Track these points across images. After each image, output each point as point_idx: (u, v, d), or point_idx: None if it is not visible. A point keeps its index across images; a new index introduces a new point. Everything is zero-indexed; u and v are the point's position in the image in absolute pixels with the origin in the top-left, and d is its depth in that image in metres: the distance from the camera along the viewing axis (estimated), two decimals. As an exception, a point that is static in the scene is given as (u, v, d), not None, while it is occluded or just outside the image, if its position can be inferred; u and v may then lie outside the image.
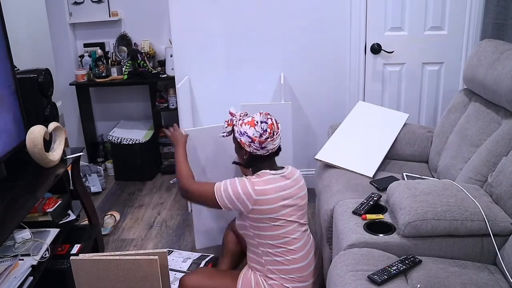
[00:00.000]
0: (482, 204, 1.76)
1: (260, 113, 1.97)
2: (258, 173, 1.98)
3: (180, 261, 2.58)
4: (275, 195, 1.90)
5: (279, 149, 2.03)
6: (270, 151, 1.96)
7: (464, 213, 1.71)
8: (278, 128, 1.96)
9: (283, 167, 2.02)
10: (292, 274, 1.95)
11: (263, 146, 1.92)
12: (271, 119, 1.96)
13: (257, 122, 1.93)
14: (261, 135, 1.91)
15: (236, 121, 2.00)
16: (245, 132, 1.93)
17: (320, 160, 2.45)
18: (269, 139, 1.92)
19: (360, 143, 2.53)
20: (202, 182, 2.10)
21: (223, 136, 2.07)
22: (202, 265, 2.52)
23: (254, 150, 1.94)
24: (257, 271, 2.01)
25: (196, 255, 2.64)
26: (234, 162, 2.19)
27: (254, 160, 1.99)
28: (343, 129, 2.61)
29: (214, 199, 1.94)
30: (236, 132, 1.98)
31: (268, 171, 1.96)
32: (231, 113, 2.06)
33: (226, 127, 2.04)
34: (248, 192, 1.88)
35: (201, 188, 2.00)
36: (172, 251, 2.68)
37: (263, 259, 1.98)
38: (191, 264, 2.55)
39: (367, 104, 2.76)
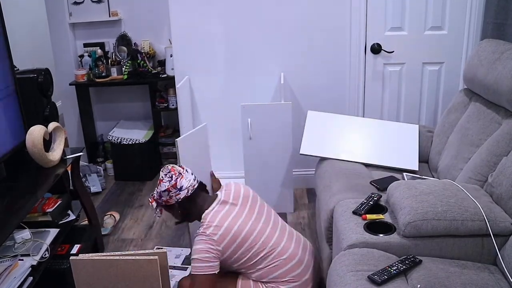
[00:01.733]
0: (482, 204, 1.76)
1: (161, 170, 2.07)
2: (203, 216, 1.99)
3: (172, 257, 2.59)
4: (236, 226, 1.93)
5: (201, 184, 2.10)
6: (190, 188, 2.02)
7: (464, 213, 1.71)
8: (182, 168, 2.06)
9: (216, 195, 2.08)
10: (285, 277, 1.95)
11: (179, 187, 2.00)
12: (171, 166, 2.06)
13: (162, 177, 2.04)
14: (169, 181, 2.01)
15: (154, 194, 2.08)
16: (160, 191, 2.03)
17: (306, 155, 2.55)
18: (179, 179, 2.01)
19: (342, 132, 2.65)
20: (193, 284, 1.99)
21: (158, 216, 2.14)
22: None
23: (177, 197, 2.01)
24: (253, 280, 2.01)
25: (187, 250, 2.65)
26: (177, 223, 2.24)
27: (188, 206, 2.05)
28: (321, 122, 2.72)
29: (203, 279, 1.89)
30: (157, 200, 2.07)
31: (207, 209, 2.00)
32: (150, 196, 2.13)
33: (153, 208, 2.11)
34: (209, 241, 1.90)
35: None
36: (162, 248, 2.69)
37: (253, 277, 1.99)
38: (184, 259, 2.56)
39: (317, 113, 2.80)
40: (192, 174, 2.08)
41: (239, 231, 1.93)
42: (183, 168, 2.07)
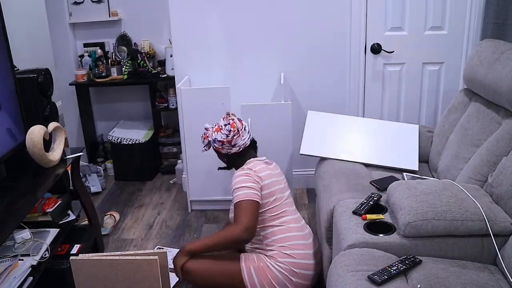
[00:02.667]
0: (482, 204, 1.75)
1: (223, 118, 2.24)
2: (247, 163, 2.19)
3: (170, 258, 2.57)
4: (270, 180, 2.13)
5: (253, 142, 2.28)
6: (242, 146, 2.19)
7: (464, 213, 1.71)
8: (242, 125, 2.20)
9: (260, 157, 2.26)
10: (290, 241, 2.07)
11: (233, 144, 2.18)
12: (232, 119, 2.22)
13: (221, 126, 2.20)
14: (227, 136, 2.17)
15: (209, 133, 2.25)
16: (215, 138, 2.20)
17: (306, 155, 2.57)
18: (235, 137, 2.17)
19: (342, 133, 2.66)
20: (232, 224, 2.09)
21: (204, 150, 2.31)
22: None
23: (228, 150, 2.20)
24: (256, 249, 2.15)
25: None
26: (219, 168, 2.38)
27: (234, 159, 2.24)
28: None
29: (252, 203, 2.02)
30: (210, 142, 2.25)
31: (253, 158, 2.20)
32: (205, 128, 2.29)
33: (203, 141, 2.29)
34: (253, 176, 2.08)
35: (244, 217, 1.99)
36: (162, 248, 2.68)
37: (260, 235, 2.12)
38: None
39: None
40: (248, 132, 2.23)
41: (272, 183, 2.13)
42: (242, 125, 2.21)
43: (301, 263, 2.06)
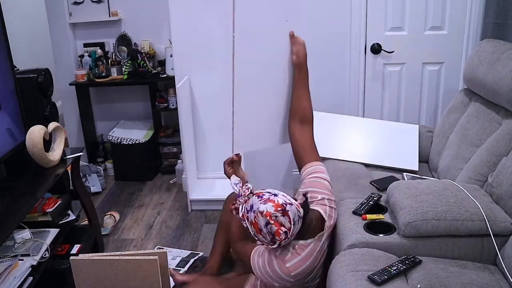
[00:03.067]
0: (482, 204, 1.75)
1: (287, 203, 1.61)
2: (296, 246, 1.69)
3: (169, 258, 2.57)
4: (310, 263, 1.70)
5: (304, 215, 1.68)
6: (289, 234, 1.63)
7: (464, 213, 1.71)
8: (291, 224, 1.61)
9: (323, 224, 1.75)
10: None
11: (273, 240, 1.64)
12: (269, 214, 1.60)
13: (273, 213, 1.60)
14: (287, 233, 1.61)
15: (253, 202, 1.68)
16: (255, 215, 1.63)
17: None
18: (282, 237, 1.62)
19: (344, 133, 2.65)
20: (245, 244, 1.90)
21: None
22: (190, 263, 2.52)
23: (262, 239, 1.67)
24: None
25: (186, 253, 2.64)
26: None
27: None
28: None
29: (250, 266, 1.79)
30: (245, 210, 1.69)
31: (301, 242, 1.68)
32: (250, 191, 1.76)
33: (236, 213, 1.77)
34: (281, 272, 1.68)
35: (242, 250, 1.90)
36: (162, 248, 2.68)
37: None
38: (180, 261, 2.55)
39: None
40: (299, 222, 1.64)
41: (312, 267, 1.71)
42: (291, 223, 1.61)
43: None
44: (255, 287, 1.93)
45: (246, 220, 1.68)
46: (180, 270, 2.46)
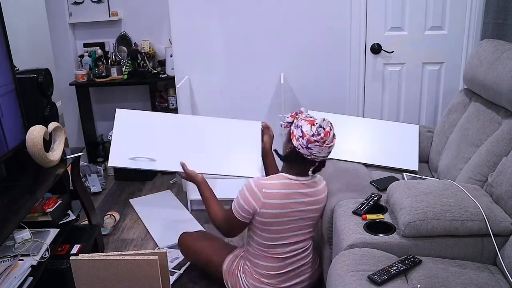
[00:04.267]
0: (482, 204, 1.76)
1: (324, 119, 1.92)
2: (280, 175, 1.96)
3: (169, 258, 2.56)
4: (282, 201, 1.91)
5: (321, 164, 2.00)
6: (312, 156, 1.90)
7: (464, 213, 1.71)
8: (331, 141, 1.90)
9: (312, 176, 2.00)
10: (266, 271, 2.03)
11: (308, 146, 1.88)
12: (330, 128, 1.90)
13: (316, 123, 1.89)
14: (312, 135, 1.87)
15: (299, 117, 1.98)
16: (300, 126, 1.90)
17: None
18: (317, 143, 1.87)
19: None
20: (225, 212, 2.07)
21: (282, 125, 2.03)
22: (187, 265, 2.51)
23: (299, 146, 1.90)
24: (244, 255, 2.13)
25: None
26: (275, 150, 2.17)
27: (294, 157, 1.95)
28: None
29: (236, 219, 1.97)
30: (293, 124, 1.96)
31: (287, 175, 1.95)
32: (300, 111, 2.03)
33: (288, 117, 2.01)
34: (255, 194, 1.90)
35: (226, 219, 2.03)
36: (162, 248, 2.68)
37: (248, 246, 2.09)
38: (177, 265, 2.52)
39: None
40: (329, 153, 1.95)
41: (276, 215, 1.92)
42: (332, 142, 1.92)
43: None
44: (236, 257, 2.17)
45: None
46: (175, 272, 2.46)
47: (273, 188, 1.90)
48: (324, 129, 1.88)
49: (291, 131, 1.96)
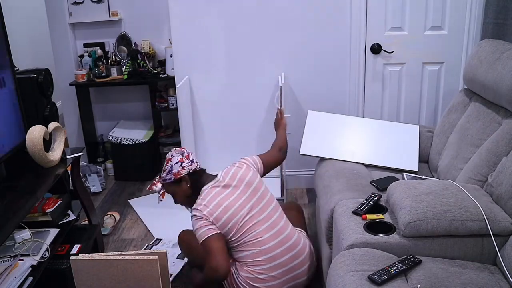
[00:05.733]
0: (482, 204, 1.76)
1: (170, 152, 2.23)
2: (200, 193, 2.11)
3: (169, 258, 2.54)
4: (221, 208, 2.04)
5: (202, 169, 2.25)
6: (198, 163, 2.20)
7: (464, 213, 1.71)
8: (188, 153, 2.21)
9: (216, 175, 2.19)
10: (251, 262, 2.05)
11: (191, 159, 2.18)
12: (179, 148, 2.25)
13: (171, 155, 2.19)
14: (182, 154, 2.18)
15: (157, 179, 2.25)
16: (171, 165, 2.17)
17: (306, 155, 2.56)
18: (189, 154, 2.20)
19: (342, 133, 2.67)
20: (199, 250, 2.12)
21: (160, 201, 2.28)
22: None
23: (190, 167, 2.16)
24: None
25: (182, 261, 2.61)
26: (176, 202, 2.30)
27: (196, 179, 2.17)
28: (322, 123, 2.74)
29: (208, 238, 2.01)
30: (166, 179, 2.18)
31: (206, 186, 2.13)
32: (153, 183, 2.30)
33: (157, 190, 2.26)
34: (204, 217, 2.02)
35: (203, 249, 2.04)
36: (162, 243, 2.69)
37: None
38: (172, 266, 2.50)
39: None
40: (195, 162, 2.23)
41: (224, 210, 2.03)
42: (189, 153, 2.23)
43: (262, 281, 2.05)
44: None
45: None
46: (172, 274, 2.45)
47: (213, 199, 2.06)
48: (178, 149, 2.23)
49: (174, 177, 2.16)
